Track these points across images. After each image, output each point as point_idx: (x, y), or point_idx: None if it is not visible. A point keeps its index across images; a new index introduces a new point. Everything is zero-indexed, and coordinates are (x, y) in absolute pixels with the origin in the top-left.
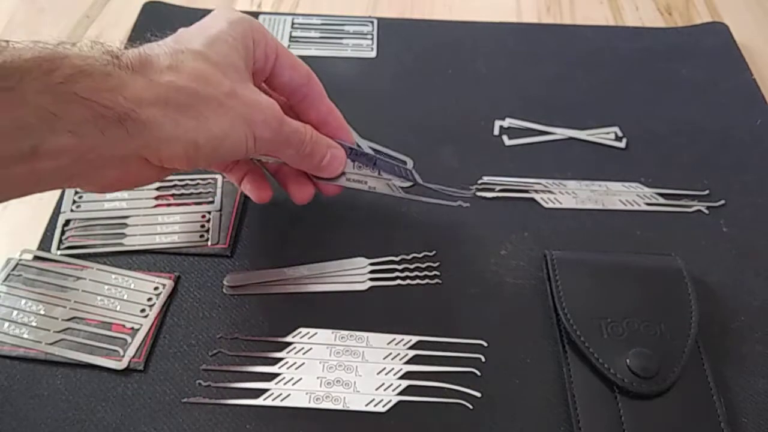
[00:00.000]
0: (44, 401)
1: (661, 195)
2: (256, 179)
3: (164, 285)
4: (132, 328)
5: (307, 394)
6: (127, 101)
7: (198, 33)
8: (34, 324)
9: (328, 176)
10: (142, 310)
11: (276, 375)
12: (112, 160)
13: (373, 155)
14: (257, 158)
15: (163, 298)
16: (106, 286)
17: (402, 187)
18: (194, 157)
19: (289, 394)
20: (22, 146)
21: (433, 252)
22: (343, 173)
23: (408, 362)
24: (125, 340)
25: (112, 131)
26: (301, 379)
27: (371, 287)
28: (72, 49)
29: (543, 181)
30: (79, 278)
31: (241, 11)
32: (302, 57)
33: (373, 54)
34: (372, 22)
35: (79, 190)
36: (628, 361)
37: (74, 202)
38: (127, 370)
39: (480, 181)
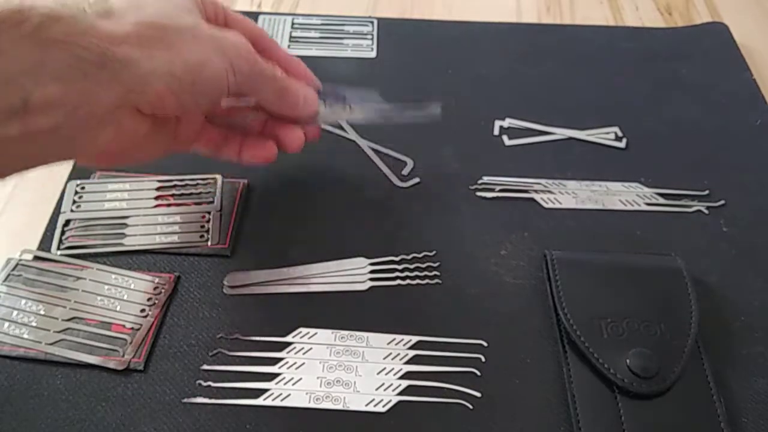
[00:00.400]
0: (44, 401)
1: (661, 195)
2: (253, 142)
3: (164, 285)
4: (132, 328)
5: (307, 394)
6: (101, 41)
7: None
8: (34, 324)
9: (306, 116)
10: (142, 310)
11: (276, 375)
12: (104, 114)
13: (342, 90)
14: (236, 120)
15: (163, 298)
16: (106, 286)
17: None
18: (177, 90)
19: (289, 394)
20: (12, 100)
21: (433, 252)
22: (317, 113)
23: (408, 362)
24: (125, 340)
25: (95, 74)
26: (301, 379)
27: (371, 287)
28: (35, 1)
29: (543, 181)
30: (79, 278)
31: (241, 12)
32: (302, 57)
33: (373, 54)
34: (372, 22)
35: (79, 189)
36: (628, 361)
37: (74, 202)
38: (127, 370)
39: (480, 181)
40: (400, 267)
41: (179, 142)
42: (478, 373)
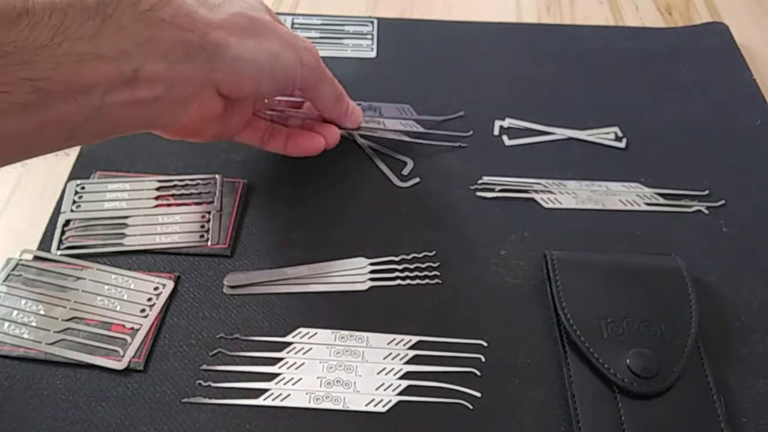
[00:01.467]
0: (44, 401)
1: (661, 195)
2: (300, 135)
3: (164, 285)
4: (132, 328)
5: (307, 394)
6: (202, 25)
7: None
8: (34, 324)
9: (350, 126)
10: (142, 310)
11: (276, 375)
12: (194, 91)
13: (377, 105)
14: (280, 115)
15: (163, 298)
16: (106, 286)
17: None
18: (258, 76)
19: (289, 394)
20: (125, 69)
21: (433, 252)
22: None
23: (408, 362)
24: (125, 340)
25: (194, 54)
26: (301, 379)
27: (371, 287)
28: None
29: (543, 181)
30: (79, 278)
31: None
32: None
33: (373, 54)
34: (372, 22)
35: (79, 189)
36: (628, 361)
37: (74, 202)
38: (127, 370)
39: (480, 181)
40: (400, 267)
41: (230, 128)
42: (478, 373)
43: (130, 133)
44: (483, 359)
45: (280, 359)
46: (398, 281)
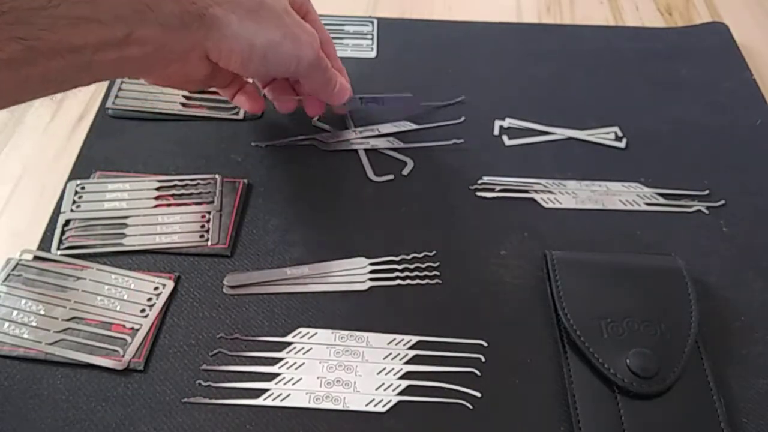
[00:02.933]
0: (44, 401)
1: (661, 195)
2: (249, 93)
3: (164, 285)
4: (132, 328)
5: (307, 394)
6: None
7: None
8: (34, 324)
9: (336, 103)
10: (142, 310)
11: (276, 375)
12: (182, 52)
13: (381, 97)
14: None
15: (163, 298)
16: (106, 286)
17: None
18: (248, 57)
19: (289, 394)
20: (117, 33)
21: (433, 252)
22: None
23: (408, 362)
24: (125, 340)
25: (191, 24)
26: (301, 379)
27: (371, 287)
28: None
29: (543, 181)
30: (79, 278)
31: None
32: None
33: (373, 54)
34: (372, 22)
35: (79, 189)
36: (628, 361)
37: (74, 202)
38: (127, 370)
39: (480, 181)
40: (400, 267)
41: (215, 83)
42: (478, 373)
43: (109, 79)
44: (483, 359)
45: (280, 359)
46: (398, 281)
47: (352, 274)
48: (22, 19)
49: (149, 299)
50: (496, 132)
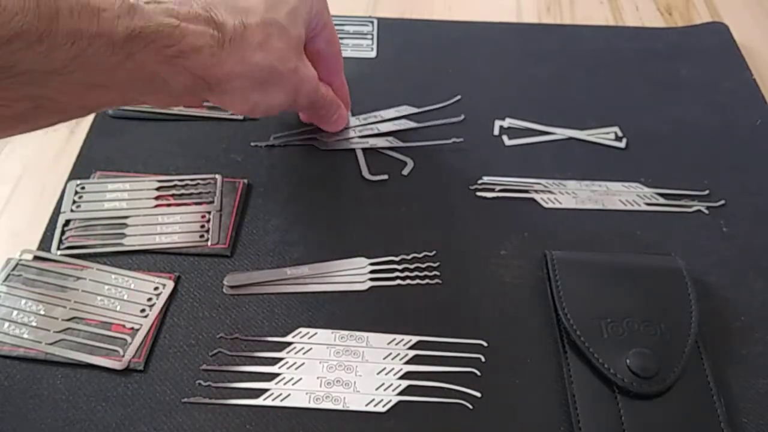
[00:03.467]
0: (44, 401)
1: (661, 195)
2: None
3: (164, 285)
4: (132, 328)
5: (307, 394)
6: (221, 75)
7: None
8: (34, 324)
9: (332, 131)
10: (142, 310)
11: (276, 375)
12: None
13: (378, 113)
14: None
15: (163, 298)
16: (106, 286)
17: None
18: (247, 112)
19: (289, 394)
20: (128, 97)
21: (433, 252)
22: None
23: (408, 362)
24: (125, 340)
25: (201, 92)
26: (301, 379)
27: (371, 287)
28: (189, 27)
29: (543, 181)
30: (79, 278)
31: None
32: None
33: (373, 54)
34: (372, 22)
35: (79, 189)
36: (628, 361)
37: (74, 202)
38: (127, 370)
39: (480, 181)
40: (400, 267)
41: None
42: (478, 373)
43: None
44: (483, 359)
45: (280, 359)
46: (398, 281)
47: (352, 274)
48: (36, 81)
49: (149, 299)
50: (496, 132)
